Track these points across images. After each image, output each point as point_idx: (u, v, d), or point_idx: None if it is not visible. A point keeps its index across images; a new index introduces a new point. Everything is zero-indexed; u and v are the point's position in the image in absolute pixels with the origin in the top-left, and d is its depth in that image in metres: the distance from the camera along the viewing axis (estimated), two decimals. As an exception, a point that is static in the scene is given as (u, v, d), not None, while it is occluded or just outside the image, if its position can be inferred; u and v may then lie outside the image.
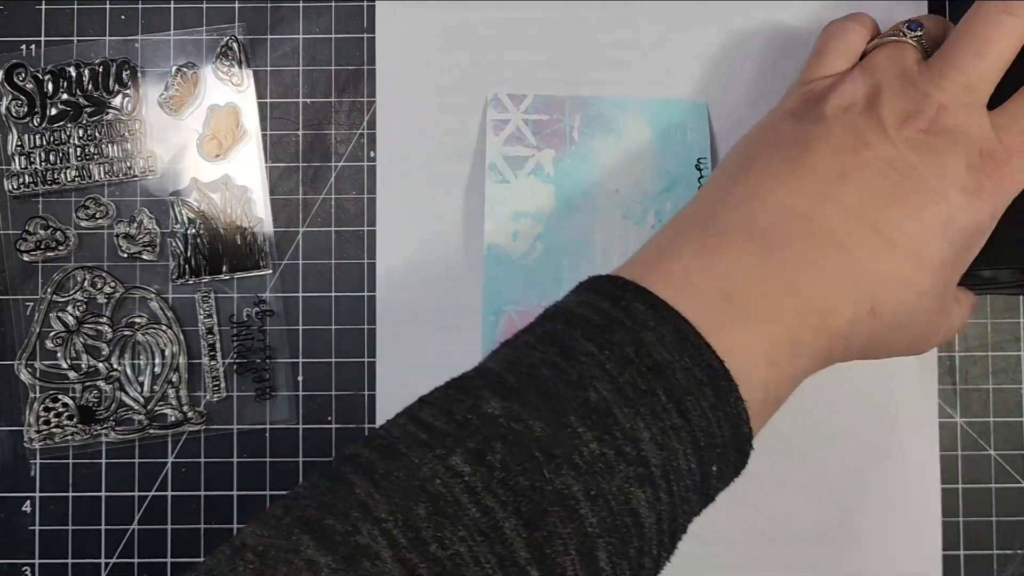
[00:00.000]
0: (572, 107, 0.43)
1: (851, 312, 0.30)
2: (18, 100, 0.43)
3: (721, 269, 0.29)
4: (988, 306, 0.44)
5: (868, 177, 0.31)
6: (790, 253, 0.30)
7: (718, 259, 0.30)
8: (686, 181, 0.43)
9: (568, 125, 0.43)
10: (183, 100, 0.44)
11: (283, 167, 0.44)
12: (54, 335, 0.43)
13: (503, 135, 0.43)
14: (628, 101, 0.43)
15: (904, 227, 0.31)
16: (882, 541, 0.42)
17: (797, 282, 0.29)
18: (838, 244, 0.30)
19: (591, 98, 0.43)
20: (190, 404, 0.43)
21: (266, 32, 0.44)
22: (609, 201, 0.42)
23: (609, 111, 0.43)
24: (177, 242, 0.44)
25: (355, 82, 0.44)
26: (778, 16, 0.44)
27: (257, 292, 0.44)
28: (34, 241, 0.43)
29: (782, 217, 0.31)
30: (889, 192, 0.31)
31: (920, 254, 0.31)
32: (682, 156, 0.43)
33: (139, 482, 0.43)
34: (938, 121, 0.32)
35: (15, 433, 0.43)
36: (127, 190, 0.44)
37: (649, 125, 0.43)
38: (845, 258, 0.30)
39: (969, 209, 0.31)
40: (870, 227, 0.30)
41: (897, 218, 0.31)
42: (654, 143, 0.43)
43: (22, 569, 0.43)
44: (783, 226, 0.30)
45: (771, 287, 0.29)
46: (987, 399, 0.43)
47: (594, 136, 0.43)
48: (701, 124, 0.43)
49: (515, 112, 0.43)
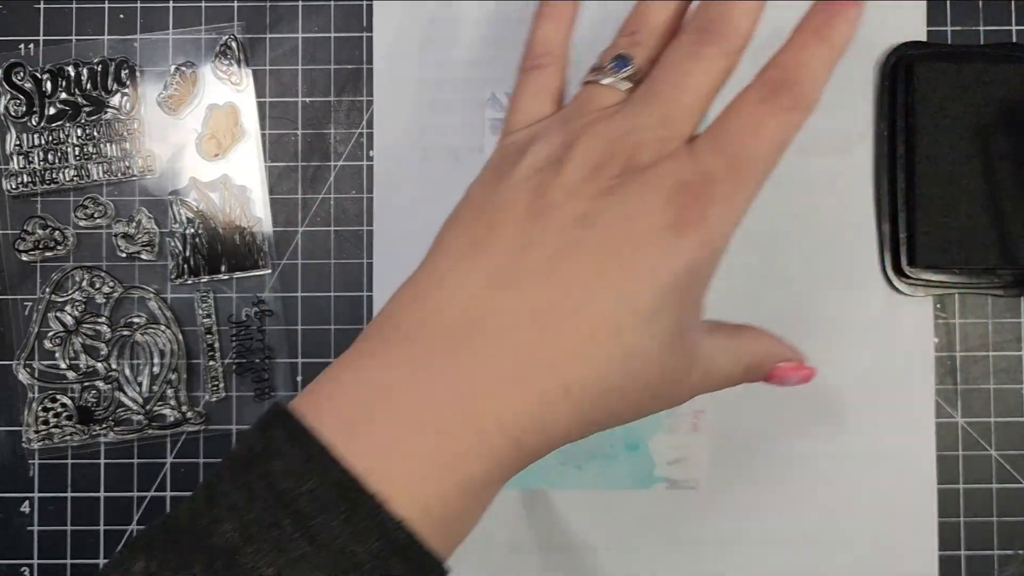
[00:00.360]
0: None
1: (534, 403, 0.27)
2: (17, 99, 0.43)
3: (371, 381, 0.27)
4: (989, 307, 0.44)
5: (552, 248, 0.28)
6: (456, 354, 0.27)
7: (370, 370, 0.27)
8: None
9: None
10: (182, 99, 0.44)
11: (282, 166, 0.44)
12: (53, 335, 0.43)
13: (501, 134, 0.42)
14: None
15: (596, 296, 0.27)
16: (878, 542, 0.42)
17: (459, 384, 0.26)
18: (512, 333, 0.27)
19: None
20: (189, 404, 0.43)
21: (265, 31, 0.44)
22: None
23: None
24: (176, 242, 0.43)
25: (354, 81, 0.44)
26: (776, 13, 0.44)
27: (256, 292, 0.44)
28: (32, 241, 0.43)
29: (450, 313, 0.28)
30: (577, 259, 0.28)
31: (615, 319, 0.27)
32: None
33: (138, 482, 0.43)
34: (633, 161, 0.29)
35: (14, 433, 0.43)
36: (126, 190, 0.44)
37: None
38: (521, 346, 0.27)
39: (673, 252, 0.28)
40: (554, 305, 0.27)
41: (589, 287, 0.27)
42: None
43: (21, 569, 0.43)
44: (452, 324, 0.27)
45: (426, 393, 0.26)
46: (988, 399, 0.43)
47: None
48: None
49: None
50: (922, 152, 0.42)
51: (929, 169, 0.42)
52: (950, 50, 0.43)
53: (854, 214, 0.43)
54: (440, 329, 0.27)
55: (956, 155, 0.42)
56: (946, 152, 0.42)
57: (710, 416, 0.43)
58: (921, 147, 0.42)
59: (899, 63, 0.43)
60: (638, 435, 0.42)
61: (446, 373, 0.27)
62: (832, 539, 0.42)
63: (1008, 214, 0.42)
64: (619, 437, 0.42)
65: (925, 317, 0.43)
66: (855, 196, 0.44)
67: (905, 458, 0.43)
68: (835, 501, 0.43)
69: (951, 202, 0.42)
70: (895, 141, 0.43)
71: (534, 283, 0.27)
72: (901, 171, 0.43)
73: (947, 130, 0.42)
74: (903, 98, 0.43)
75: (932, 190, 0.42)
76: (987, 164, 0.42)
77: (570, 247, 0.28)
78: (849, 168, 0.44)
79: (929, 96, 0.42)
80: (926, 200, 0.42)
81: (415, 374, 0.27)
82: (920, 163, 0.42)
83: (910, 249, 0.42)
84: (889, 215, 0.43)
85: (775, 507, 0.43)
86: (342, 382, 0.27)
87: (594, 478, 0.42)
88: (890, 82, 0.43)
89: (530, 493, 0.43)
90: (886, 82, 0.43)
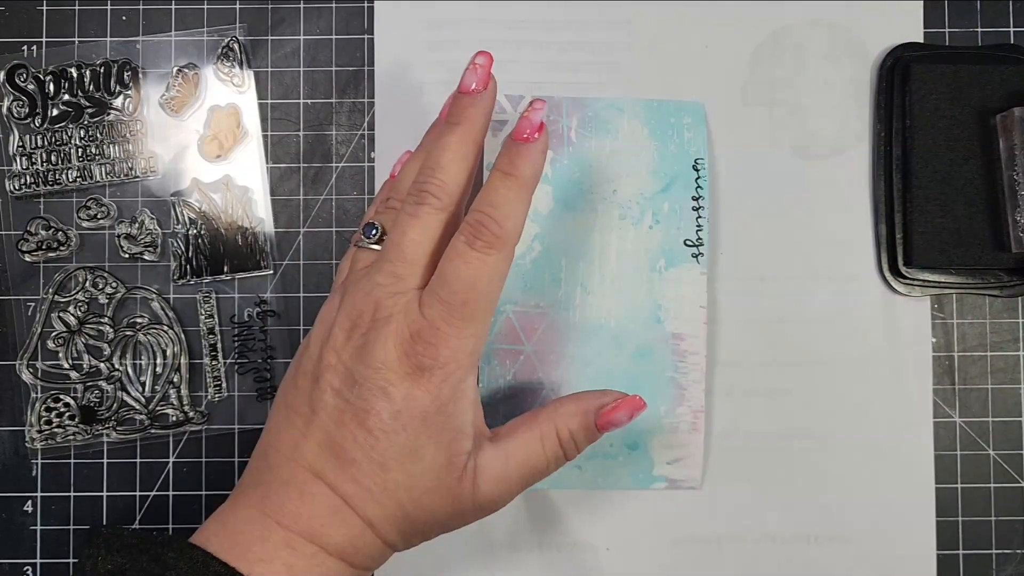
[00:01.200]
0: (570, 108, 0.43)
1: (346, 535, 0.33)
2: (19, 101, 0.44)
3: (230, 523, 0.34)
4: (987, 307, 0.44)
5: (329, 410, 0.33)
6: (280, 494, 0.33)
7: (230, 515, 0.34)
8: (683, 181, 0.43)
9: (566, 126, 0.43)
10: (184, 101, 0.44)
11: (284, 168, 0.44)
12: (56, 335, 0.43)
13: (500, 136, 0.43)
14: (625, 102, 0.43)
15: (359, 440, 0.33)
16: (877, 541, 0.43)
17: (284, 519, 0.33)
18: (317, 476, 0.33)
19: (588, 99, 0.43)
20: (191, 404, 0.43)
21: (267, 33, 0.45)
22: (606, 202, 0.43)
23: (606, 112, 0.43)
24: (178, 242, 0.44)
25: (355, 83, 0.44)
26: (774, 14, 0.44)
27: (258, 292, 0.44)
28: (36, 241, 0.43)
29: (275, 462, 0.34)
30: (346, 419, 0.33)
31: (381, 455, 0.33)
32: (679, 157, 0.43)
33: (140, 482, 0.43)
34: (375, 318, 0.34)
35: (16, 433, 0.43)
36: (128, 191, 0.44)
37: (646, 126, 0.43)
38: (330, 491, 0.33)
39: (414, 396, 0.33)
40: (333, 453, 0.33)
41: (358, 441, 0.33)
42: (651, 144, 0.43)
43: (23, 569, 0.43)
44: (276, 470, 0.34)
45: (262, 528, 0.33)
46: (986, 399, 0.44)
47: (591, 137, 0.43)
48: (698, 124, 0.43)
49: (512, 113, 0.43)
50: (918, 153, 0.43)
51: (925, 169, 0.42)
52: (947, 51, 0.44)
53: (851, 215, 0.44)
54: (273, 474, 0.34)
55: (953, 155, 0.42)
56: (943, 152, 0.42)
57: (710, 416, 0.43)
58: (918, 148, 0.43)
59: (896, 64, 0.43)
60: (638, 435, 0.42)
61: (277, 509, 0.33)
62: (831, 538, 0.43)
63: (1004, 214, 0.42)
64: (619, 437, 0.42)
65: (923, 317, 0.43)
66: (852, 197, 0.44)
67: (903, 458, 0.43)
68: (834, 501, 0.43)
69: (947, 202, 0.42)
70: (892, 142, 0.43)
71: (326, 441, 0.33)
72: (897, 172, 0.43)
73: (944, 131, 0.42)
74: (900, 99, 0.43)
75: (928, 190, 0.42)
76: (984, 165, 0.42)
77: (340, 409, 0.33)
78: (846, 169, 0.44)
79: (926, 97, 0.43)
80: (922, 200, 0.42)
81: (256, 512, 0.33)
82: (916, 163, 0.42)
83: (906, 249, 0.43)
84: (886, 216, 0.43)
85: (775, 507, 0.43)
86: (210, 528, 0.33)
87: (594, 478, 0.42)
88: (887, 83, 0.43)
89: (530, 493, 0.43)
90: (883, 83, 0.43)
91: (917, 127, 0.43)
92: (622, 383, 0.42)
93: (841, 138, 0.44)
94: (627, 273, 0.42)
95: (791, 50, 0.44)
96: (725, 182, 0.44)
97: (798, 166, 0.44)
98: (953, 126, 0.42)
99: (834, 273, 0.43)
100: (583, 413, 0.36)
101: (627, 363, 0.42)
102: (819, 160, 0.44)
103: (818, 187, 0.44)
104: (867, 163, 0.44)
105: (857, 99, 0.44)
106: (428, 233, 0.35)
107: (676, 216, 0.43)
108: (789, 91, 0.44)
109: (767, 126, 0.44)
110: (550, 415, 0.36)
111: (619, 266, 0.42)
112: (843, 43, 0.44)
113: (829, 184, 0.44)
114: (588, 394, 0.37)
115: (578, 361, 0.42)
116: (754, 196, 0.44)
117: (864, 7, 0.44)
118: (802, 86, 0.44)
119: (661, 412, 0.42)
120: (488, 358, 0.42)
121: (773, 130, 0.44)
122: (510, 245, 0.34)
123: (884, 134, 0.43)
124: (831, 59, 0.44)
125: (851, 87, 0.44)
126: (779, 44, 0.44)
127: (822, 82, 0.44)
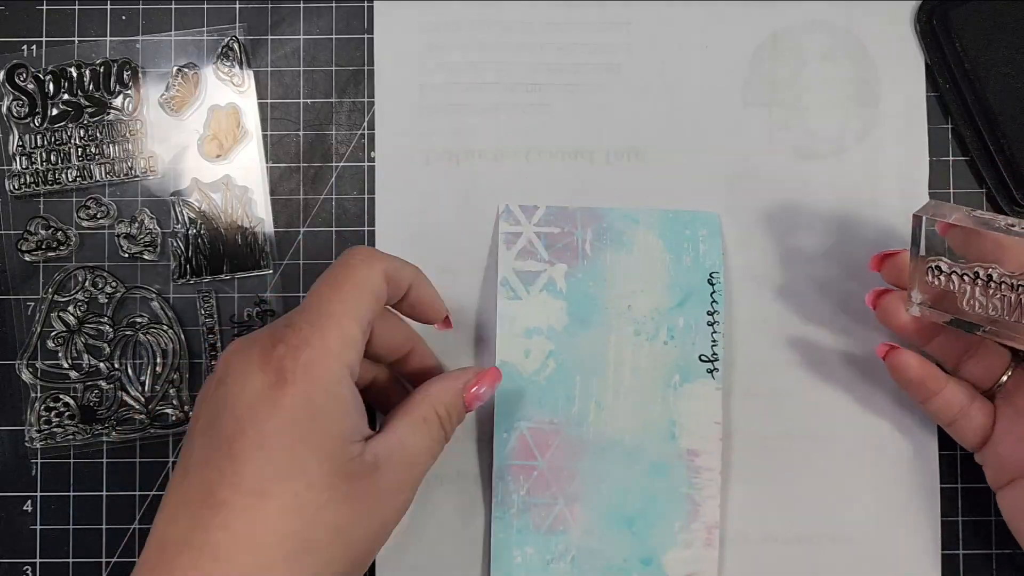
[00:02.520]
0: (584, 219, 0.43)
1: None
2: (19, 100, 0.44)
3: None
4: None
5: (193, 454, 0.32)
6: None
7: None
8: (698, 296, 0.42)
9: (580, 238, 0.43)
10: (184, 100, 0.44)
11: (284, 167, 0.44)
12: (55, 335, 0.43)
13: (515, 249, 0.43)
14: (640, 213, 0.43)
15: (248, 474, 0.31)
16: (881, 540, 0.42)
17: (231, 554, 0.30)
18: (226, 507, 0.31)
19: (603, 210, 0.43)
20: (191, 404, 0.43)
21: (267, 33, 0.45)
22: (621, 317, 0.42)
23: (621, 223, 0.43)
24: (178, 242, 0.44)
25: (355, 83, 0.44)
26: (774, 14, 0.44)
27: (258, 292, 0.44)
28: (35, 241, 0.43)
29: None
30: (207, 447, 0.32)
31: (277, 491, 0.31)
32: (694, 271, 0.43)
33: (140, 481, 0.43)
34: (229, 352, 0.33)
35: (16, 433, 0.43)
36: (128, 190, 0.44)
37: (661, 238, 0.43)
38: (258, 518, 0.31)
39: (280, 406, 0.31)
40: (238, 487, 0.31)
41: (239, 473, 0.31)
42: (666, 257, 0.43)
43: (23, 568, 0.43)
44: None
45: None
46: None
47: (606, 250, 0.43)
48: (713, 236, 0.43)
49: (527, 224, 0.43)
50: (992, 89, 0.42)
51: (1005, 102, 0.42)
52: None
53: (851, 214, 0.44)
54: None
55: (1021, 80, 0.42)
56: (1014, 79, 0.42)
57: (723, 527, 0.42)
58: (990, 85, 0.42)
59: (932, 17, 0.43)
60: (652, 550, 0.42)
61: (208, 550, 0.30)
62: (834, 538, 0.43)
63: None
64: (633, 552, 0.41)
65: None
66: (851, 198, 0.44)
67: (908, 457, 0.43)
68: (837, 500, 0.43)
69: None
70: (961, 91, 0.43)
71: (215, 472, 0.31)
72: (980, 116, 0.43)
73: (1006, 60, 0.42)
74: (950, 48, 0.43)
75: (1019, 120, 0.42)
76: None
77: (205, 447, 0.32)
78: (845, 170, 0.44)
79: (975, 35, 0.42)
80: (1017, 130, 0.42)
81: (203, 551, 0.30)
82: (993, 101, 0.42)
83: (1017, 178, 0.42)
84: (988, 163, 0.43)
85: (776, 506, 0.43)
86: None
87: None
88: (931, 38, 0.43)
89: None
90: (927, 40, 0.43)
91: (978, 66, 0.42)
92: (636, 499, 0.41)
93: (840, 139, 0.44)
94: (641, 389, 0.42)
95: (791, 51, 0.44)
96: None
97: (798, 167, 0.44)
98: (1012, 52, 0.42)
99: (835, 274, 0.43)
100: (454, 392, 0.36)
101: (641, 479, 0.42)
102: (819, 161, 0.44)
103: (818, 188, 0.44)
104: (866, 164, 0.44)
105: (855, 101, 0.44)
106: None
107: (691, 331, 0.42)
108: (789, 91, 0.44)
109: (767, 126, 0.44)
110: (423, 398, 0.36)
111: (633, 382, 0.42)
112: (843, 43, 0.44)
113: (829, 185, 0.44)
114: (452, 374, 0.37)
115: (592, 476, 0.42)
116: (753, 206, 0.44)
117: (864, 7, 0.44)
118: (802, 86, 0.44)
119: (676, 528, 0.42)
120: (502, 474, 0.42)
121: (773, 131, 0.44)
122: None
123: (949, 85, 0.43)
124: (831, 59, 0.44)
125: (849, 88, 0.44)
126: (779, 45, 0.44)
127: (822, 82, 0.44)
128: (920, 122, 0.44)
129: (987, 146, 0.43)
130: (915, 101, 0.44)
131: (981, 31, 0.42)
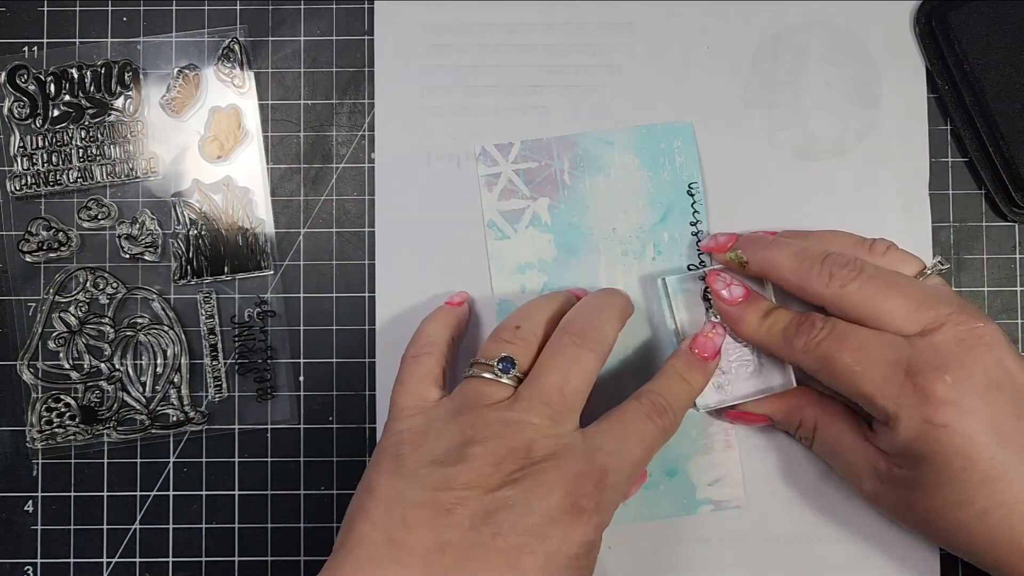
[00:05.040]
0: (560, 149, 0.43)
1: None
2: (20, 102, 0.44)
3: None
4: (986, 307, 0.44)
5: (462, 548, 0.31)
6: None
7: None
8: (680, 209, 0.43)
9: (558, 169, 0.43)
10: (185, 102, 0.44)
11: (284, 168, 0.44)
12: (56, 335, 0.43)
13: (496, 190, 0.43)
14: (614, 134, 0.43)
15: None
16: (881, 539, 0.43)
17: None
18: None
19: (576, 136, 0.43)
20: (192, 404, 0.43)
21: (267, 34, 0.45)
22: (607, 240, 0.43)
23: (596, 147, 0.43)
24: (179, 243, 0.44)
25: (356, 84, 0.45)
26: (775, 15, 0.44)
27: (258, 293, 0.44)
28: (36, 242, 0.44)
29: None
30: (485, 558, 0.31)
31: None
32: (673, 184, 0.43)
33: (141, 482, 0.43)
34: (530, 456, 0.33)
35: (17, 433, 0.43)
36: (129, 191, 0.44)
37: (637, 156, 0.43)
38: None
39: (568, 539, 0.32)
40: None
41: (497, 573, 0.31)
42: (644, 175, 0.43)
43: (24, 568, 0.43)
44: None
45: None
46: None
47: (585, 177, 0.43)
48: (689, 146, 0.43)
49: (505, 163, 0.43)
50: (990, 89, 0.42)
51: (1004, 102, 0.42)
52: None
53: (851, 215, 0.44)
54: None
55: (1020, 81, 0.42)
56: (1013, 80, 0.42)
57: (738, 430, 0.43)
58: (988, 85, 0.42)
59: (931, 19, 0.43)
60: (674, 460, 0.42)
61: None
62: (833, 537, 0.43)
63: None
64: (656, 465, 0.42)
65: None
66: (851, 199, 0.44)
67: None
68: (837, 499, 0.43)
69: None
70: (960, 92, 0.43)
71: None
72: (979, 117, 0.43)
73: (1005, 60, 0.42)
74: (949, 49, 0.43)
75: (1016, 121, 0.42)
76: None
77: (476, 547, 0.31)
78: (845, 171, 0.44)
79: (974, 35, 0.42)
80: (1015, 131, 0.42)
81: None
82: (992, 101, 0.42)
83: (1015, 180, 0.43)
84: (987, 163, 0.43)
85: (777, 506, 0.43)
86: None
87: (639, 509, 0.42)
88: (930, 39, 0.43)
89: None
90: (926, 40, 0.43)
91: (977, 67, 0.42)
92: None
93: (840, 140, 0.44)
94: (636, 306, 0.42)
95: (791, 51, 0.44)
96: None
97: (798, 168, 0.44)
98: (1011, 53, 0.42)
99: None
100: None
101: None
102: (819, 162, 0.44)
103: (818, 188, 0.44)
104: (866, 164, 0.44)
105: (855, 101, 0.44)
106: (587, 378, 0.36)
107: (677, 244, 0.43)
108: (789, 92, 0.44)
109: (767, 127, 0.44)
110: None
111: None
112: (843, 44, 0.44)
113: (828, 186, 0.44)
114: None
115: (600, 394, 0.42)
116: (753, 206, 0.44)
117: (864, 8, 0.44)
118: (802, 87, 0.44)
119: (692, 435, 0.42)
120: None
121: (773, 131, 0.44)
122: (675, 428, 0.37)
123: (948, 86, 0.43)
124: (831, 60, 0.44)
125: (851, 87, 0.44)
126: (779, 45, 0.44)
127: (822, 83, 0.44)
128: (920, 123, 0.44)
129: (986, 147, 0.43)
130: (915, 102, 0.44)
131: (980, 32, 0.42)
